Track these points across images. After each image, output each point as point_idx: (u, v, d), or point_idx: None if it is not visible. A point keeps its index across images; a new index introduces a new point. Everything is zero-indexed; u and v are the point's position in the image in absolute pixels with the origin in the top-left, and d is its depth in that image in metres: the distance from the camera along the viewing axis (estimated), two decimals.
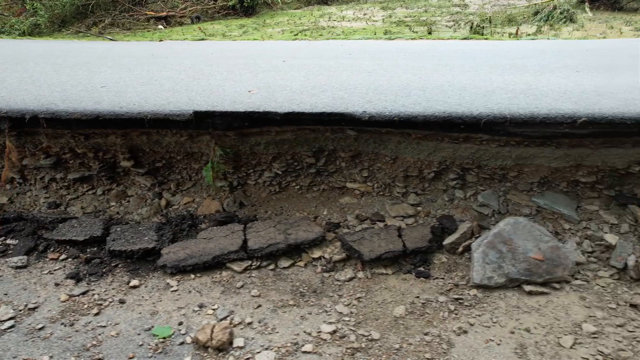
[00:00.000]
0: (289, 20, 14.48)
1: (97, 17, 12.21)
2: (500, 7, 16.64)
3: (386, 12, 16.52)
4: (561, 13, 13.70)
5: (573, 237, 3.13)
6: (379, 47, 5.58)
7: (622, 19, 13.31)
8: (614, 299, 2.65)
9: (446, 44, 5.82)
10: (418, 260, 2.88)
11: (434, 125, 2.88)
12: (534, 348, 2.28)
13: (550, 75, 3.91)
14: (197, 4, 14.66)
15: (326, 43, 6.08)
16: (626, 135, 2.96)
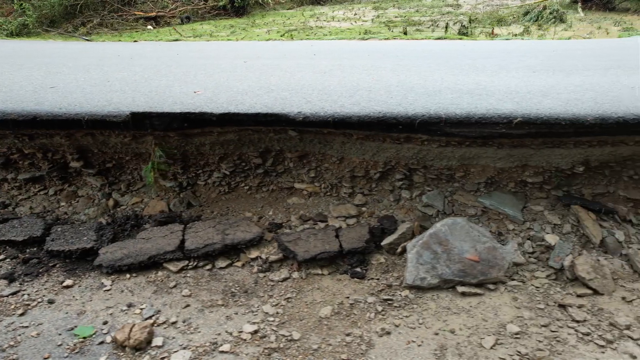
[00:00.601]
0: (279, 20, 14.50)
1: (86, 18, 12.24)
2: (493, 7, 16.62)
3: (377, 12, 16.53)
4: (550, 13, 13.71)
5: (515, 238, 3.12)
6: (349, 47, 5.57)
7: (612, 19, 13.28)
8: (544, 300, 2.64)
9: (417, 44, 5.81)
10: (355, 260, 2.88)
11: (369, 126, 2.88)
12: (454, 349, 2.28)
13: (505, 75, 3.90)
14: (187, 4, 14.68)
15: (298, 43, 6.09)
16: (565, 136, 2.95)
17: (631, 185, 3.48)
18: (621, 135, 2.99)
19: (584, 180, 3.44)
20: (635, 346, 2.32)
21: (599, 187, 3.45)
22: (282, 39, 9.84)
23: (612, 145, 3.18)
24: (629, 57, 4.92)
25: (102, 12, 12.57)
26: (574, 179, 3.42)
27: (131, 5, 13.28)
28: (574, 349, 2.30)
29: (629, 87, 3.47)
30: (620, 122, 2.83)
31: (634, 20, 13.36)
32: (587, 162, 3.26)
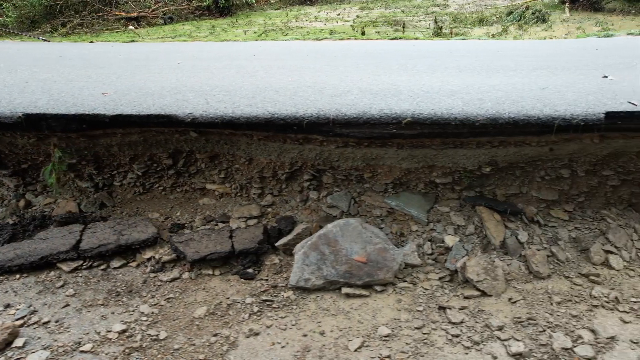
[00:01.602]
0: (261, 20, 14.52)
1: (66, 18, 12.31)
2: (481, 7, 16.56)
3: (362, 12, 16.52)
4: (532, 14, 13.71)
5: (416, 239, 3.11)
6: (296, 48, 5.57)
7: (595, 20, 13.24)
8: (427, 302, 2.63)
9: (366, 45, 5.79)
10: (247, 261, 2.88)
11: (256, 126, 2.88)
12: (316, 351, 2.28)
13: (428, 75, 3.88)
14: (170, 4, 14.73)
15: (253, 44, 6.09)
16: (461, 136, 2.93)
17: (544, 186, 3.47)
18: (517, 135, 2.98)
19: (497, 181, 3.43)
20: (500, 346, 2.31)
21: (512, 188, 3.44)
22: (259, 38, 9.87)
23: (515, 145, 3.17)
24: (567, 57, 4.89)
25: (83, 13, 12.63)
26: (486, 179, 3.41)
27: (113, 6, 13.34)
28: (439, 351, 2.29)
29: (541, 88, 3.45)
30: (510, 122, 2.81)
31: (617, 20, 13.29)
32: (494, 163, 3.25)
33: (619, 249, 3.16)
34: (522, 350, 2.27)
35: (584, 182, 3.51)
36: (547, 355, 2.25)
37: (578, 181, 3.51)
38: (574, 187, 3.52)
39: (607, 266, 3.05)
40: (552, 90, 3.41)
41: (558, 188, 3.49)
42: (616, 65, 4.41)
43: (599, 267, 3.05)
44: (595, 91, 3.38)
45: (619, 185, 3.57)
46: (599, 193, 3.60)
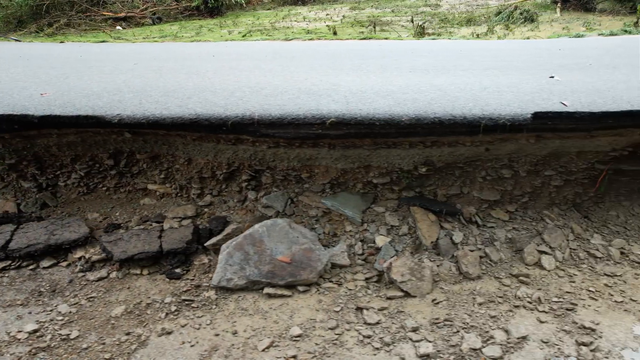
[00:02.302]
0: (249, 21, 14.53)
1: (53, 18, 12.34)
2: (473, 7, 16.54)
3: (352, 12, 16.52)
4: (520, 14, 13.71)
5: (349, 240, 3.11)
6: (260, 48, 5.58)
7: (584, 20, 13.22)
8: (346, 303, 2.63)
9: (332, 45, 5.79)
10: (176, 261, 2.89)
11: (182, 127, 2.88)
12: (224, 351, 2.28)
13: (375, 75, 3.88)
14: (158, 4, 14.76)
15: (220, 45, 6.10)
16: (389, 136, 2.93)
17: (486, 186, 3.46)
18: (447, 136, 2.97)
19: (437, 181, 3.42)
20: (410, 347, 2.31)
21: (453, 188, 3.43)
22: (243, 39, 9.89)
23: (449, 146, 3.16)
24: (527, 57, 4.87)
25: (70, 13, 12.66)
26: (426, 180, 3.40)
27: (100, 6, 13.38)
28: (347, 352, 2.29)
29: (483, 88, 3.44)
30: (435, 122, 2.81)
31: (606, 20, 13.26)
32: (430, 163, 3.24)
33: (553, 250, 3.16)
34: (430, 352, 2.27)
35: (527, 182, 3.50)
36: (454, 356, 2.25)
37: (521, 181, 3.50)
38: (517, 188, 3.51)
39: (539, 267, 3.04)
40: (493, 90, 3.40)
41: (500, 188, 3.48)
42: (570, 66, 4.40)
43: (532, 267, 3.04)
44: (534, 91, 3.38)
45: (563, 185, 3.56)
46: (543, 193, 3.59)
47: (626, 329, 2.46)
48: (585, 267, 3.07)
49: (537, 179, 3.51)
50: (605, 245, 3.24)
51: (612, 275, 2.98)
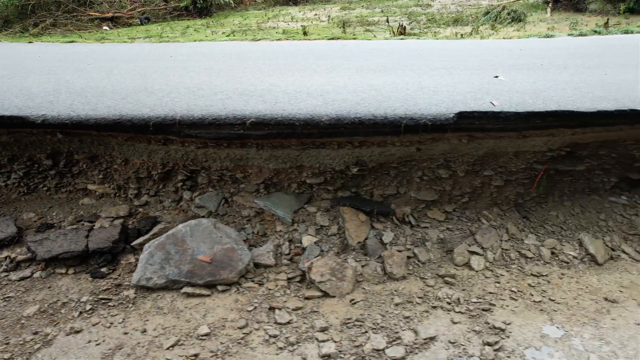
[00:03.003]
0: (237, 21, 14.55)
1: (39, 18, 12.41)
2: (464, 7, 16.54)
3: (342, 12, 16.55)
4: (508, 14, 13.74)
5: (277, 240, 3.12)
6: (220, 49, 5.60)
7: (572, 20, 13.24)
8: (261, 302, 2.64)
9: (296, 45, 5.80)
10: (102, 260, 2.90)
11: (105, 127, 2.90)
12: (128, 349, 2.29)
13: (319, 75, 3.89)
14: (146, 5, 14.80)
15: (186, 45, 6.12)
16: (313, 136, 2.94)
17: (424, 187, 3.47)
18: (372, 136, 2.98)
19: (374, 182, 3.43)
20: (315, 348, 2.31)
21: (390, 189, 3.43)
22: (228, 39, 9.91)
23: (378, 146, 3.17)
24: (483, 57, 4.87)
25: (56, 13, 12.73)
26: (362, 180, 3.41)
27: (87, 6, 13.43)
28: (250, 351, 2.30)
29: (419, 88, 3.44)
30: (355, 122, 2.81)
31: (594, 20, 13.27)
32: (362, 163, 3.25)
33: (485, 250, 3.15)
34: (331, 352, 2.27)
35: (466, 182, 3.50)
36: (354, 357, 2.25)
37: (460, 182, 3.50)
38: (456, 188, 3.51)
39: (468, 267, 3.04)
40: (429, 90, 3.40)
41: (438, 188, 3.48)
42: (521, 65, 4.39)
43: (460, 268, 3.04)
44: (471, 91, 3.37)
45: (503, 185, 3.56)
46: (484, 194, 3.59)
47: (535, 329, 2.46)
48: (515, 268, 3.06)
49: (477, 179, 3.51)
50: (538, 246, 3.24)
51: (539, 275, 2.97)
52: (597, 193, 3.81)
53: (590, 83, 3.62)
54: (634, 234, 3.52)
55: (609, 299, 2.72)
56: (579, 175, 3.75)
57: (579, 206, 3.69)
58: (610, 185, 3.83)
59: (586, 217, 3.59)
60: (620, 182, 3.87)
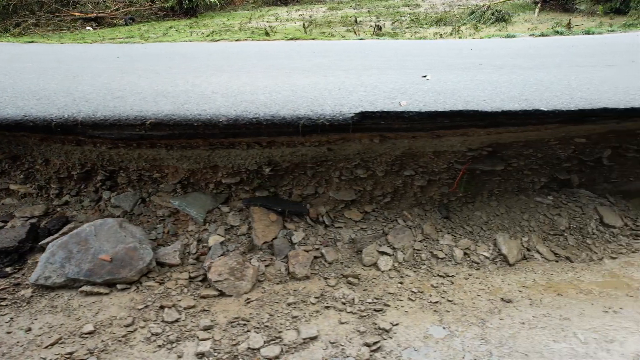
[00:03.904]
0: (220, 21, 14.58)
1: (21, 18, 12.49)
2: (453, 7, 16.52)
3: (328, 13, 16.55)
4: (492, 14, 13.74)
5: (187, 239, 3.14)
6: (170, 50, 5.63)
7: (557, 20, 13.25)
8: (155, 301, 2.65)
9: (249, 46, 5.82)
10: (8, 260, 2.93)
11: (8, 128, 2.92)
12: (5, 348, 2.31)
13: (248, 76, 3.90)
14: (131, 5, 14.86)
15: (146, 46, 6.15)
16: (214, 137, 2.95)
17: (343, 187, 3.48)
18: (274, 136, 2.98)
19: (292, 182, 3.44)
20: (193, 346, 2.33)
21: (309, 189, 3.44)
22: (206, 39, 9.96)
23: (287, 146, 3.18)
24: (424, 57, 4.87)
25: (39, 13, 12.81)
26: (280, 180, 3.42)
27: (70, 6, 13.50)
28: (129, 349, 2.31)
29: (338, 88, 3.45)
30: (253, 122, 2.82)
31: (579, 21, 13.27)
32: (275, 163, 3.26)
33: (395, 250, 3.16)
34: (206, 350, 2.29)
35: (387, 182, 3.51)
36: (227, 355, 2.27)
37: (382, 182, 3.51)
38: (377, 188, 3.52)
39: (375, 267, 3.05)
40: (346, 90, 3.40)
41: (359, 188, 3.49)
42: (460, 65, 4.39)
43: (368, 268, 3.05)
44: (389, 91, 3.37)
45: (426, 185, 3.56)
46: (407, 194, 3.59)
47: (421, 330, 2.46)
48: (424, 268, 3.07)
49: (398, 179, 3.51)
50: (452, 246, 3.24)
51: (445, 276, 2.98)
52: (525, 193, 3.81)
53: (513, 83, 3.62)
54: (554, 233, 3.51)
55: (505, 299, 2.72)
56: (507, 176, 3.74)
57: (504, 206, 3.68)
58: (540, 185, 3.83)
59: (510, 217, 3.59)
60: (550, 182, 3.87)
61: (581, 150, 3.76)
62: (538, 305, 2.66)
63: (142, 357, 2.26)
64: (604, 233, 3.51)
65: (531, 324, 2.48)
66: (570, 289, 2.85)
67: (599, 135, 3.68)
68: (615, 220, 3.58)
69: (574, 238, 3.48)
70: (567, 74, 3.95)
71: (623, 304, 2.65)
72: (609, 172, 3.96)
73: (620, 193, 4.04)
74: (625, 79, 3.73)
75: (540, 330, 2.43)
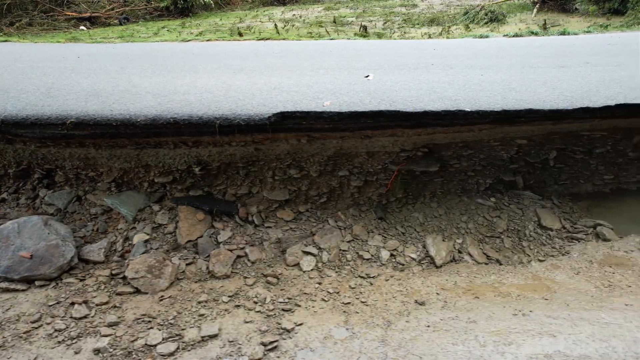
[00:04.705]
0: (212, 21, 14.65)
1: (15, 17, 12.68)
2: (451, 7, 16.44)
3: (323, 13, 16.56)
4: (485, 14, 13.68)
5: (115, 237, 3.17)
6: (142, 50, 5.69)
7: (553, 21, 13.15)
8: (67, 297, 2.68)
9: (215, 45, 5.86)
10: None
11: None
12: None
13: (190, 76, 3.93)
14: (125, 5, 15.00)
15: (120, 46, 6.22)
16: (136, 136, 2.98)
17: (278, 186, 3.48)
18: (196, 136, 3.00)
19: (226, 181, 3.45)
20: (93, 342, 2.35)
21: (243, 188, 3.46)
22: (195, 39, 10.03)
23: (214, 145, 3.20)
24: (381, 58, 4.85)
25: (33, 12, 12.99)
26: (215, 179, 3.43)
27: (64, 6, 13.67)
28: (28, 345, 2.35)
29: (272, 88, 3.46)
30: (170, 122, 2.83)
31: (575, 22, 13.18)
32: (204, 163, 3.28)
33: (321, 250, 3.16)
34: (102, 346, 2.31)
35: (323, 182, 3.51)
36: (122, 352, 2.29)
37: (318, 182, 3.51)
38: (312, 188, 3.52)
39: (298, 267, 3.05)
40: (281, 89, 3.42)
41: (294, 188, 3.50)
42: (410, 65, 4.38)
43: (290, 268, 3.05)
44: (323, 91, 3.38)
45: (363, 186, 3.56)
46: (344, 194, 3.59)
47: (324, 330, 2.46)
48: (347, 269, 3.06)
49: (334, 180, 3.51)
50: (380, 247, 3.23)
51: (366, 277, 2.97)
52: (469, 195, 3.78)
53: (453, 83, 3.60)
54: (492, 236, 3.49)
55: (419, 302, 2.70)
56: (451, 177, 3.72)
57: (444, 208, 3.66)
58: (485, 187, 3.81)
59: (448, 219, 3.57)
60: (496, 184, 3.84)
61: (526, 152, 3.73)
62: (450, 308, 2.64)
63: (39, 354, 2.30)
64: (541, 235, 3.48)
65: (436, 327, 2.47)
66: (489, 292, 2.82)
67: (541, 136, 3.64)
68: (554, 222, 3.55)
69: (511, 240, 3.45)
70: (514, 75, 3.91)
71: (535, 306, 2.63)
72: (558, 174, 3.92)
73: (570, 195, 4.00)
74: (569, 80, 3.69)
75: (443, 333, 2.42)
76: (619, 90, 3.39)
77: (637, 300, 2.65)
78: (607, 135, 3.71)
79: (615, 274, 2.95)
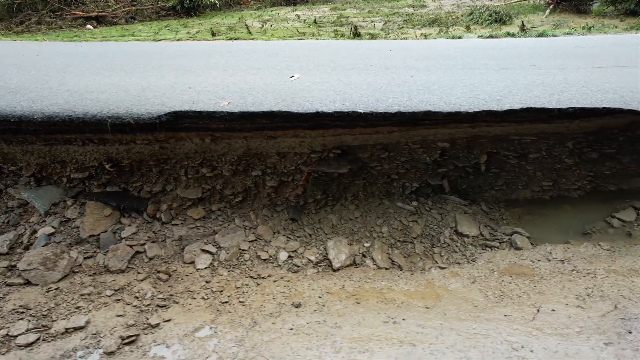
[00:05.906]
0: (216, 21, 14.87)
1: (25, 17, 13.23)
2: (460, 7, 16.18)
3: (328, 13, 16.58)
4: (489, 15, 13.45)
5: (24, 230, 3.28)
6: (111, 49, 5.85)
7: (563, 22, 12.85)
8: None
9: (177, 45, 5.95)
10: None
11: None
12: None
13: (126, 75, 4.02)
14: (132, 4, 15.39)
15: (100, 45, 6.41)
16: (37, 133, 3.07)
17: (192, 185, 3.53)
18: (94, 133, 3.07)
19: (142, 179, 3.52)
20: None
21: (157, 186, 3.52)
22: (191, 38, 10.24)
23: (120, 143, 3.26)
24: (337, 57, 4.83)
25: (42, 12, 13.52)
26: (131, 176, 3.51)
27: (73, 5, 14.15)
28: None
29: (186, 88, 3.50)
30: (65, 120, 2.91)
31: (589, 22, 12.82)
32: (114, 160, 3.35)
33: (220, 249, 3.18)
34: None
35: (237, 182, 3.53)
36: None
37: (232, 181, 3.53)
38: (227, 187, 3.54)
39: (193, 265, 3.08)
40: (197, 88, 3.46)
41: (208, 187, 3.53)
42: (351, 66, 4.35)
43: (187, 265, 3.09)
44: (235, 90, 3.40)
45: (278, 186, 3.56)
46: (260, 194, 3.60)
47: (189, 328, 2.48)
48: (242, 268, 3.07)
49: (248, 179, 3.52)
50: (280, 248, 3.23)
51: (257, 277, 2.97)
52: (391, 198, 3.72)
53: (371, 84, 3.56)
54: (404, 240, 3.43)
55: (295, 304, 2.69)
56: (373, 179, 3.68)
57: (362, 210, 3.62)
58: (411, 190, 3.74)
59: (363, 222, 3.53)
60: (424, 187, 3.77)
61: (454, 156, 3.64)
62: (322, 312, 2.61)
63: None
64: (456, 242, 3.39)
65: (299, 330, 2.45)
66: (373, 298, 2.78)
67: (465, 140, 3.55)
68: (471, 229, 3.45)
69: (423, 246, 3.38)
70: (444, 77, 3.83)
71: (411, 314, 2.57)
72: (494, 179, 3.81)
73: (506, 201, 3.88)
74: (497, 83, 3.59)
75: (302, 337, 2.40)
76: (539, 93, 3.27)
77: (519, 311, 2.56)
78: (537, 140, 3.59)
79: (511, 283, 2.85)
